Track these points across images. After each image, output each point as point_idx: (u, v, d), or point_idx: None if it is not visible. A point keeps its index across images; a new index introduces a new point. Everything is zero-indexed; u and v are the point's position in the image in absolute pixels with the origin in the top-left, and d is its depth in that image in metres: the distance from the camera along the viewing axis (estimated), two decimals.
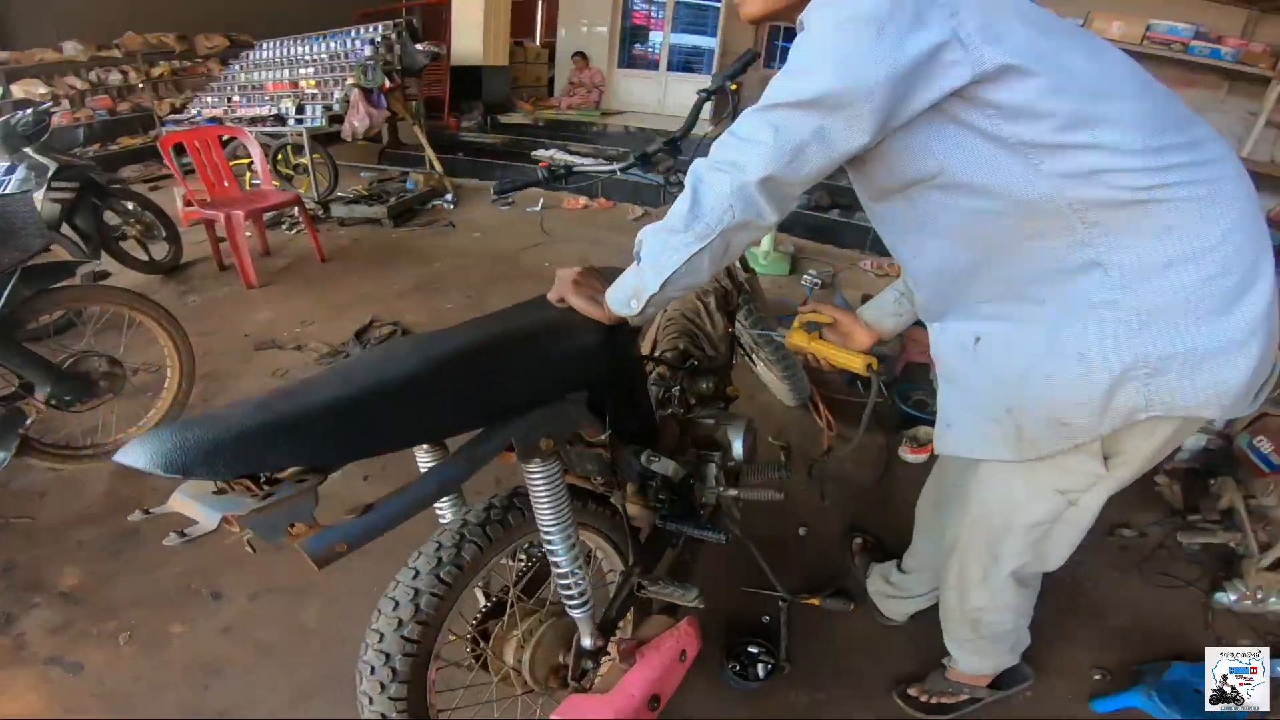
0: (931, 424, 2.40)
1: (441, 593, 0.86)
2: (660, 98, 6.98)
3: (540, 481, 0.91)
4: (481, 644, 1.00)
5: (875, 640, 1.56)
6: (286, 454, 0.63)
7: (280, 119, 4.62)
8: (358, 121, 4.59)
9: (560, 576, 0.97)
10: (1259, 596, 1.58)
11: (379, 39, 4.70)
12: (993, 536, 1.08)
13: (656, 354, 1.45)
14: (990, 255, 0.86)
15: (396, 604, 0.85)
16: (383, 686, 0.83)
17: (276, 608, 1.58)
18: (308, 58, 4.87)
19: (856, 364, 1.10)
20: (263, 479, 0.66)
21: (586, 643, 1.02)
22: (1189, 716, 1.28)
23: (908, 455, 2.24)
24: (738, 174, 0.76)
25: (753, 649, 1.45)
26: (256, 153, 3.71)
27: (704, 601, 1.11)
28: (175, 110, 6.14)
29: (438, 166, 5.31)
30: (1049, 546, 1.06)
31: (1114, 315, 0.79)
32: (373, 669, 0.84)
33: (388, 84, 4.76)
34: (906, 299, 1.16)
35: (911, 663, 1.49)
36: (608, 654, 1.06)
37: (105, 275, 2.53)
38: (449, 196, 5.08)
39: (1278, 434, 1.73)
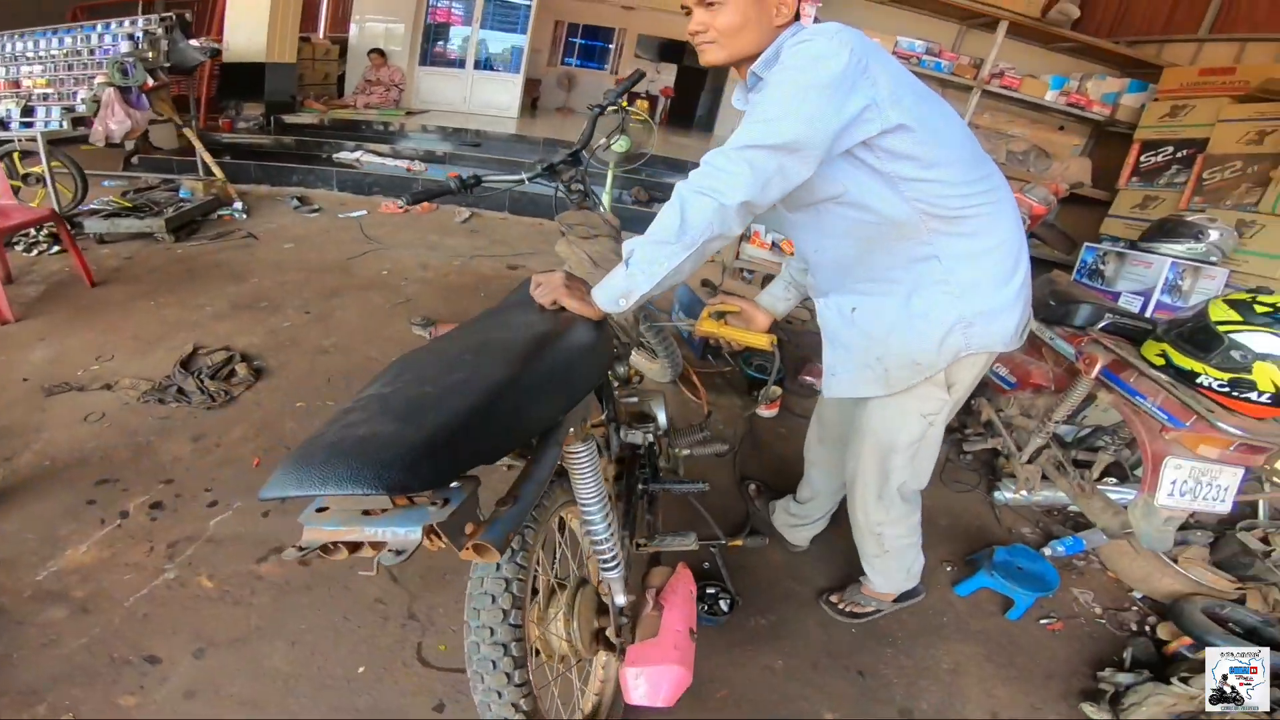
0: (775, 383, 2.92)
1: (524, 577, 0.92)
2: (466, 96, 6.83)
3: (585, 459, 1.01)
4: (532, 629, 1.06)
5: (792, 565, 1.88)
6: (473, 456, 0.67)
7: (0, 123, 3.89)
8: (115, 124, 3.91)
9: (597, 543, 1.08)
10: (1028, 489, 2.15)
11: (140, 34, 4.04)
12: (882, 456, 1.41)
13: None
14: (869, 250, 1.21)
15: (494, 598, 0.89)
16: (508, 677, 0.87)
17: (233, 660, 1.42)
18: (31, 55, 4.14)
19: (762, 341, 1.38)
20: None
21: (621, 600, 1.14)
22: (1022, 586, 1.77)
23: (763, 411, 2.65)
24: (719, 197, 0.98)
25: (710, 590, 1.66)
26: None
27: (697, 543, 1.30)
28: None
29: (218, 173, 4.64)
30: (921, 462, 1.43)
31: (945, 289, 1.18)
32: (494, 663, 0.87)
33: (150, 83, 4.10)
34: (793, 287, 1.52)
35: (824, 578, 1.84)
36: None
37: None
38: (238, 205, 4.48)
39: (1010, 361, 2.40)
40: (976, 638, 1.74)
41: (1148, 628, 1.82)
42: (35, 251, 3.47)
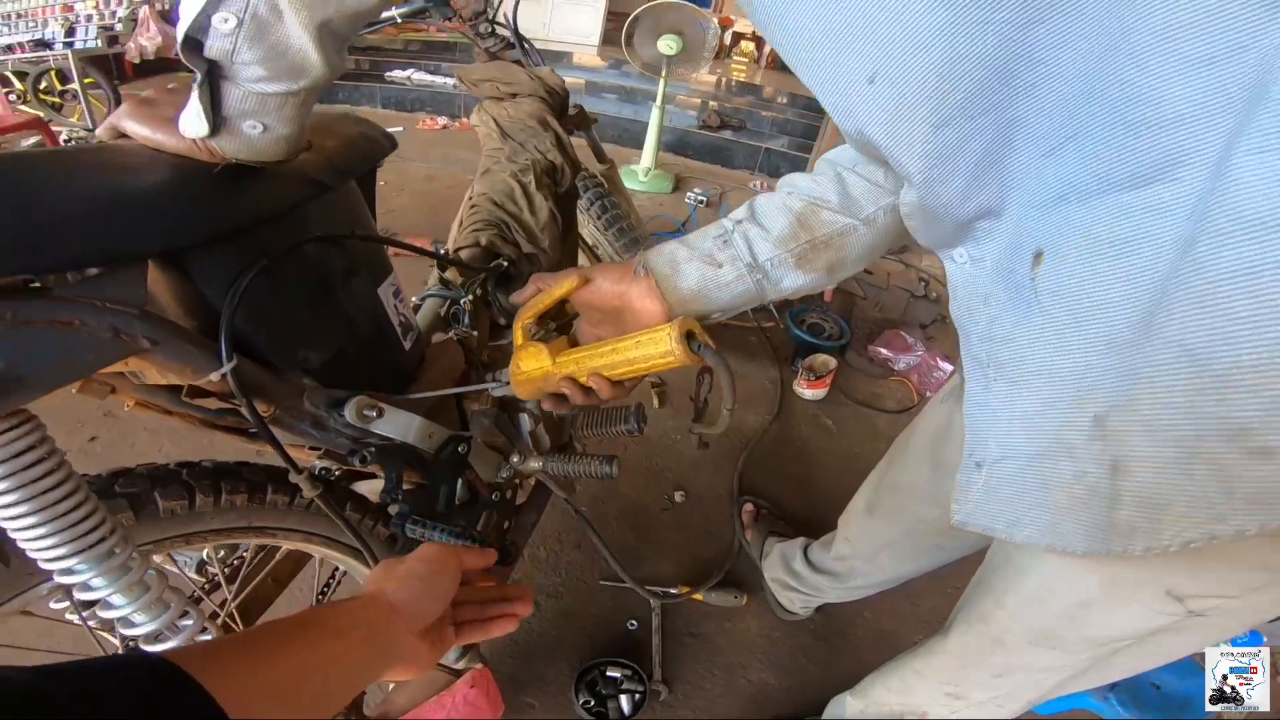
0: (831, 351, 2.01)
1: None
2: (546, 22, 6.31)
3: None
4: None
5: (776, 642, 1.20)
6: None
7: (43, 43, 3.96)
8: (146, 40, 3.92)
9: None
10: None
11: None
12: (1024, 640, 0.61)
13: (449, 253, 0.93)
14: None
15: None
16: None
17: None
18: None
19: (656, 348, 0.51)
20: None
21: None
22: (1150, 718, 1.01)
23: (803, 390, 1.90)
24: None
25: (613, 673, 1.04)
26: None
27: (476, 658, 0.67)
28: None
29: None
30: (1110, 670, 0.59)
31: None
32: None
33: None
34: (760, 228, 0.57)
35: (820, 670, 1.15)
36: None
37: None
38: None
39: None
40: None
41: None
42: None
